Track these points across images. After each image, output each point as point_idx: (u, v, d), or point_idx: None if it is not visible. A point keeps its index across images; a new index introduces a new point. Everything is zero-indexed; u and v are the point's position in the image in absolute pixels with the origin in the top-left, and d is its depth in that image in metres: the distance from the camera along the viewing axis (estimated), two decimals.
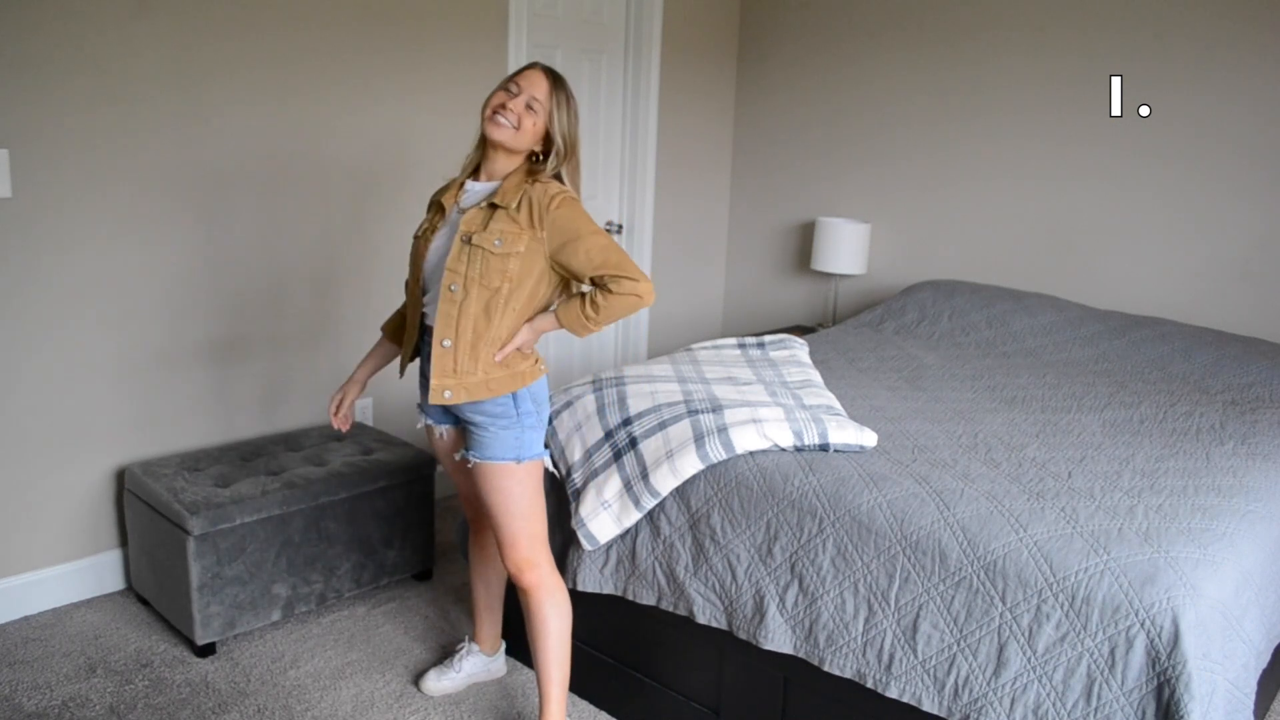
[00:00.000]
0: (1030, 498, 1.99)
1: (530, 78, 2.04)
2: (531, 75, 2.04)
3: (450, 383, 2.03)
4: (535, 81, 2.03)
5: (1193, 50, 3.33)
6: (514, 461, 2.09)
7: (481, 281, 1.99)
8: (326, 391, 3.34)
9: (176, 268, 2.92)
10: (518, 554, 2.15)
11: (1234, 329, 3.33)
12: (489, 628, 2.55)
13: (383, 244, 3.39)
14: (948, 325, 3.49)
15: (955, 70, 3.89)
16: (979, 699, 1.80)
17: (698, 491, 2.18)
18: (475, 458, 2.10)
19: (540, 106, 2.02)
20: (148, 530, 2.73)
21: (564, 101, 2.05)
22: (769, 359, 2.88)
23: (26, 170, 2.60)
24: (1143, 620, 1.66)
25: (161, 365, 2.94)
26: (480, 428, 2.09)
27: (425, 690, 2.51)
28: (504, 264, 1.99)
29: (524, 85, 2.02)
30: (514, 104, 2.00)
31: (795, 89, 4.41)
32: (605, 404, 2.41)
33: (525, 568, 2.15)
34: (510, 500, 2.11)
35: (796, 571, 2.03)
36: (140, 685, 2.49)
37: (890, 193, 4.16)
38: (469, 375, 2.03)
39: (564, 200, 2.00)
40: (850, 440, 2.22)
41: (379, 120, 3.31)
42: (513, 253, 1.99)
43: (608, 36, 4.09)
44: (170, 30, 2.78)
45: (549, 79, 2.05)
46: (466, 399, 2.04)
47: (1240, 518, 1.96)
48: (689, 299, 4.68)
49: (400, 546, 2.98)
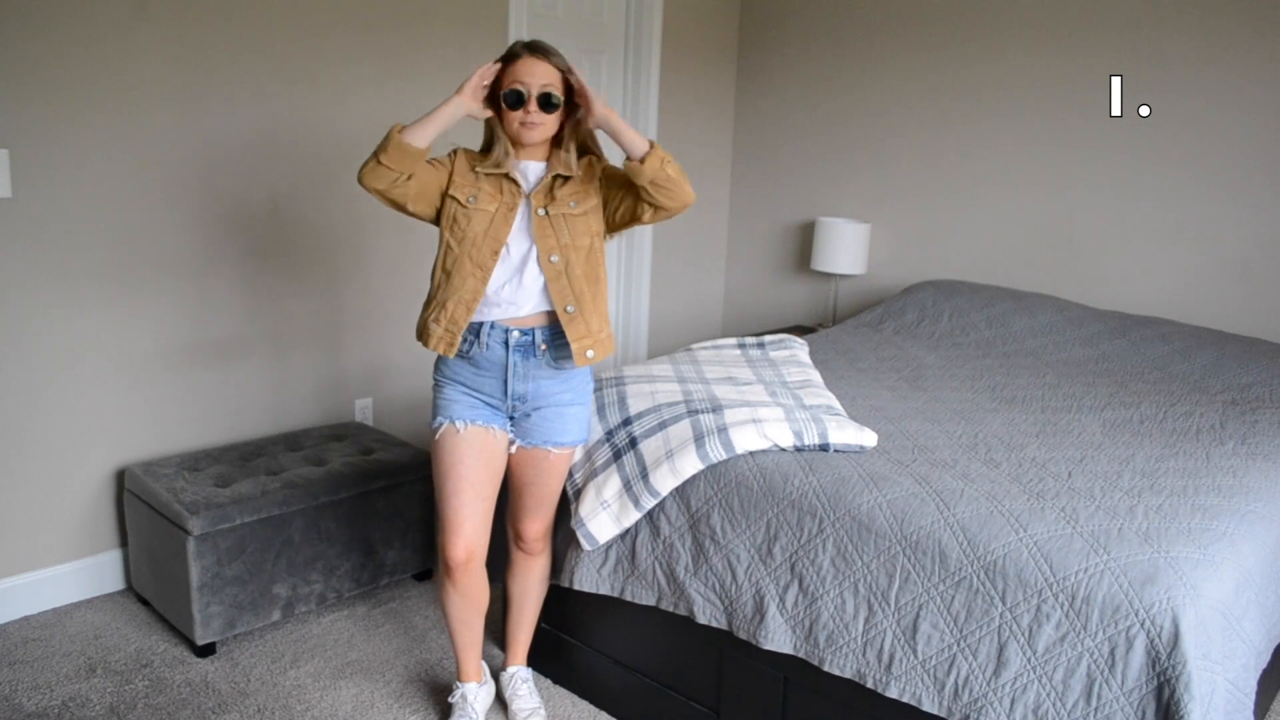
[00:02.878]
0: (1030, 498, 1.99)
1: (528, 68, 2.02)
2: (528, 65, 2.03)
3: (589, 342, 2.11)
4: (534, 69, 2.02)
5: (1193, 50, 3.33)
6: (583, 444, 2.25)
7: (575, 244, 2.08)
8: (326, 391, 3.34)
9: (176, 267, 2.92)
10: (542, 525, 2.30)
11: (1234, 329, 3.33)
12: (478, 655, 2.38)
13: (383, 244, 3.39)
14: (948, 325, 3.49)
15: (955, 70, 3.89)
16: (979, 699, 1.80)
17: (698, 491, 2.18)
18: (556, 445, 2.18)
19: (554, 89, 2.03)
20: (148, 530, 2.73)
21: (561, 64, 2.06)
22: (769, 359, 2.88)
23: (26, 170, 2.60)
24: (1143, 620, 1.66)
25: (162, 365, 2.94)
26: (563, 409, 2.17)
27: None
28: (586, 223, 2.10)
29: (529, 80, 2.01)
30: (532, 106, 2.01)
31: (795, 89, 4.41)
32: (605, 404, 2.41)
33: (543, 536, 2.32)
34: (563, 481, 2.25)
35: (796, 571, 2.03)
36: (140, 685, 2.49)
37: (890, 193, 4.16)
38: (600, 331, 2.13)
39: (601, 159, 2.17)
40: (850, 440, 2.22)
41: (379, 121, 3.31)
42: (589, 209, 2.10)
43: (608, 36, 4.09)
44: (170, 30, 2.78)
45: (542, 58, 2.04)
46: (603, 354, 2.13)
47: (1240, 518, 1.96)
48: (689, 299, 4.68)
49: (400, 546, 2.98)
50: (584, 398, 2.22)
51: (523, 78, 2.02)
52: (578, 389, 2.20)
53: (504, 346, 2.10)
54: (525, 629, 2.44)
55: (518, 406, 2.16)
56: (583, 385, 2.21)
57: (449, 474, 2.14)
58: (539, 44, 2.07)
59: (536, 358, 2.11)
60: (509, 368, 2.11)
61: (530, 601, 2.41)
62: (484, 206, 2.07)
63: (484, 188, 2.09)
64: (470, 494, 2.14)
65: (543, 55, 2.04)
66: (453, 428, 2.13)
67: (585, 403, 2.23)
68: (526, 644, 2.47)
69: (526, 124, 2.02)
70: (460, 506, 2.14)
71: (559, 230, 2.07)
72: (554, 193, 2.08)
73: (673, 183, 2.02)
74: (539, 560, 2.36)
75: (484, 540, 2.20)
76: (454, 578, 2.20)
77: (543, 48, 2.06)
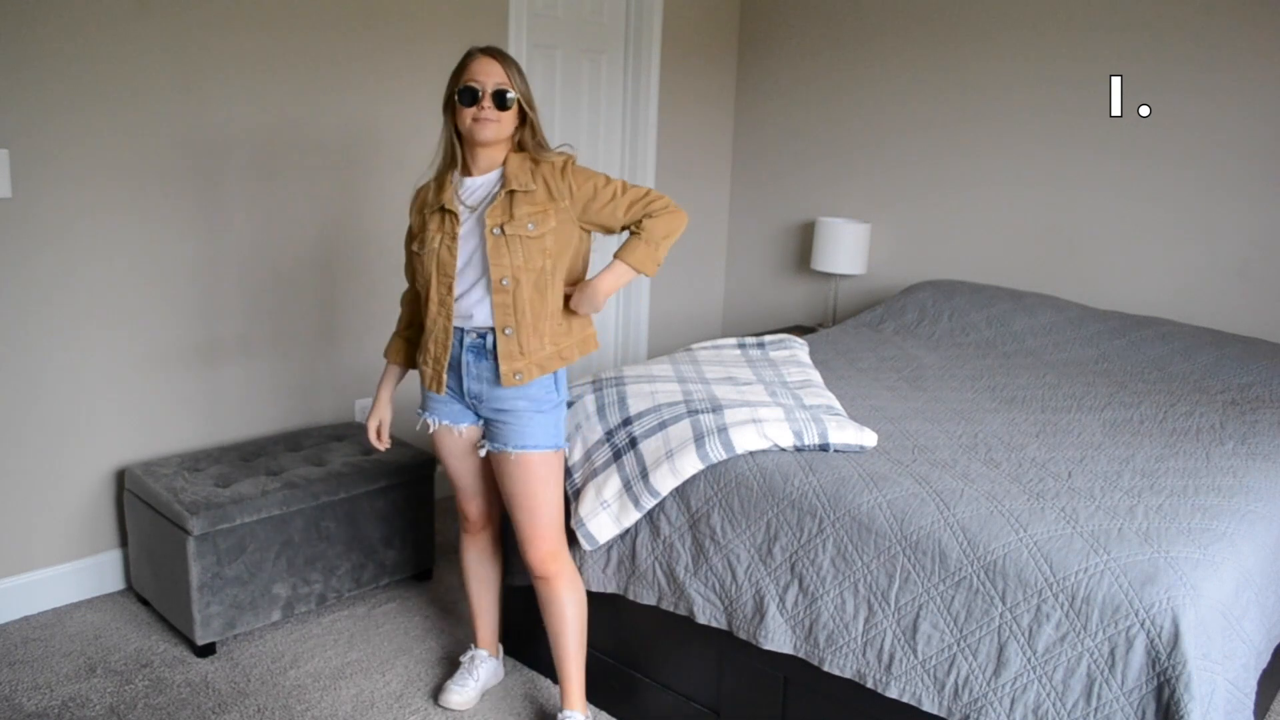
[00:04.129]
0: (1030, 498, 1.99)
1: (483, 68, 2.04)
2: (483, 65, 2.05)
3: (520, 364, 2.09)
4: (489, 69, 2.04)
5: (1193, 50, 3.33)
6: (553, 450, 2.16)
7: (527, 266, 2.05)
8: (327, 391, 3.34)
9: (176, 268, 2.92)
10: (547, 545, 2.20)
11: (1234, 329, 3.33)
12: (491, 630, 2.53)
13: (384, 244, 3.39)
14: (948, 325, 3.49)
15: (955, 70, 3.89)
16: (979, 699, 1.80)
17: (698, 491, 2.18)
18: (516, 449, 2.13)
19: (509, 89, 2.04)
20: (148, 530, 2.73)
21: (516, 70, 2.08)
22: (769, 359, 2.88)
23: (26, 170, 2.60)
24: (1143, 620, 1.66)
25: (162, 365, 2.94)
26: (520, 415, 2.12)
27: (450, 705, 2.44)
28: (542, 244, 2.05)
29: (483, 80, 2.03)
30: (486, 102, 2.02)
31: (795, 89, 4.41)
32: (605, 404, 2.41)
33: (550, 559, 2.20)
34: (546, 489, 2.16)
35: (796, 571, 2.03)
36: (140, 685, 2.49)
37: (890, 193, 4.16)
38: (538, 352, 2.09)
39: (567, 162, 2.10)
40: (850, 440, 2.22)
41: (378, 121, 3.31)
42: (546, 231, 2.06)
43: (608, 36, 4.09)
44: (170, 30, 2.78)
45: (496, 59, 2.06)
46: (539, 374, 2.10)
47: (1240, 518, 1.96)
48: (689, 299, 4.68)
49: (400, 546, 2.98)
50: (544, 405, 2.14)
51: (477, 76, 2.04)
52: (535, 398, 2.13)
53: (459, 345, 2.13)
54: (568, 666, 2.26)
55: (477, 406, 2.17)
56: (542, 394, 2.14)
57: (442, 461, 2.33)
58: (494, 47, 2.10)
59: (488, 360, 2.11)
60: (464, 366, 2.13)
61: (562, 635, 2.23)
62: (430, 246, 2.11)
63: (429, 225, 2.13)
64: (466, 479, 2.33)
65: (498, 57, 2.06)
66: (427, 422, 2.26)
67: (548, 410, 2.15)
68: (577, 683, 2.28)
69: (479, 119, 2.02)
70: (464, 487, 2.35)
71: (513, 252, 2.03)
72: (512, 210, 2.04)
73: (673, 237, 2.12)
74: (556, 587, 2.20)
75: (497, 503, 2.38)
76: (471, 532, 2.42)
77: (498, 51, 2.08)
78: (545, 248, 2.06)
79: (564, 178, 2.07)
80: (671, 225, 2.11)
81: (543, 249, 2.05)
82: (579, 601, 2.25)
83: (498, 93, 2.02)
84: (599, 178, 2.10)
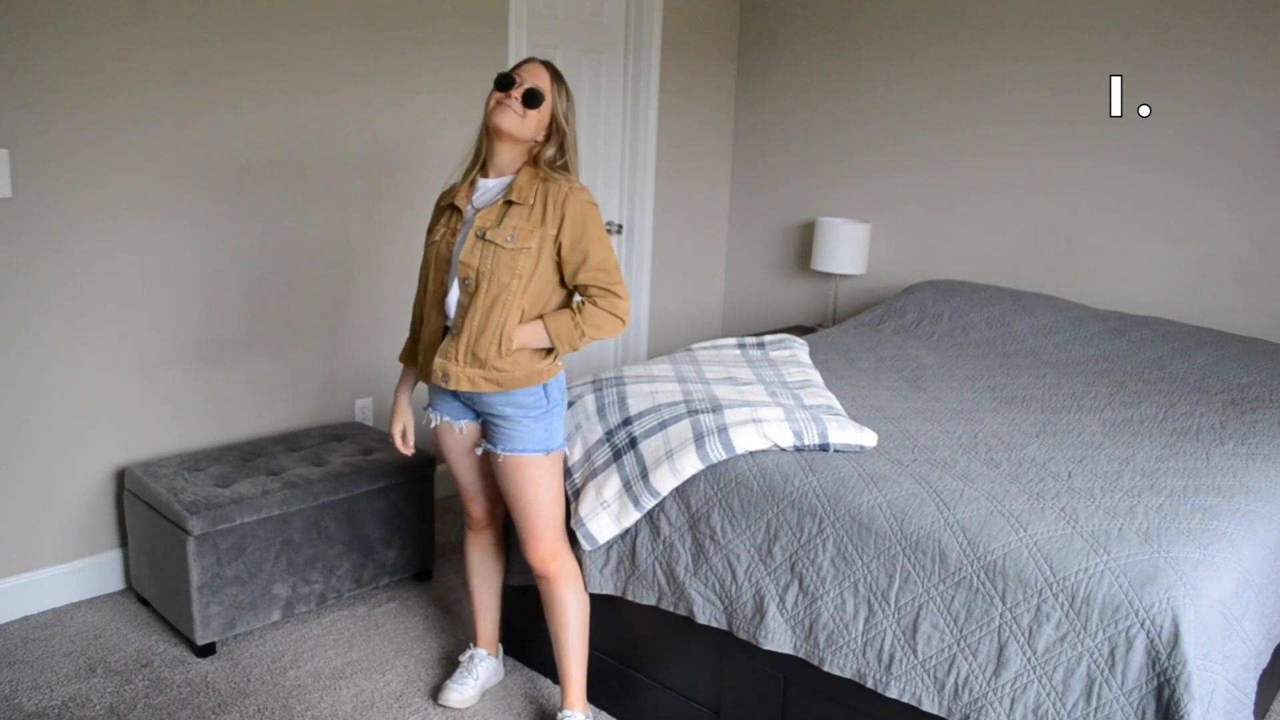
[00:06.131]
0: (1030, 498, 1.99)
1: (530, 69, 2.10)
2: (531, 67, 2.11)
3: (449, 365, 2.09)
4: (535, 72, 2.10)
5: (1193, 50, 3.33)
6: (543, 453, 2.15)
7: (492, 275, 2.04)
8: (326, 391, 3.34)
9: (176, 268, 2.92)
10: (545, 545, 2.21)
11: (1234, 329, 3.33)
12: (491, 629, 2.54)
13: (384, 244, 3.39)
14: (948, 325, 3.49)
15: (955, 70, 3.89)
16: (979, 699, 1.80)
17: (698, 491, 2.18)
18: (505, 451, 2.14)
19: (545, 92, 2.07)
20: (148, 530, 2.73)
21: (563, 90, 2.12)
22: (769, 359, 2.88)
23: (26, 170, 2.60)
24: (1143, 620, 1.66)
25: (162, 365, 2.94)
26: (510, 420, 2.13)
27: (450, 704, 2.44)
28: (514, 260, 2.03)
29: (525, 76, 2.08)
30: (515, 91, 2.05)
31: (795, 89, 4.41)
32: (605, 404, 2.41)
33: (549, 558, 2.22)
34: (540, 491, 2.17)
35: (796, 571, 2.03)
36: (140, 685, 2.49)
37: (890, 193, 4.16)
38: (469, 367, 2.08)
39: (572, 192, 2.06)
40: (850, 440, 2.22)
41: (378, 121, 3.31)
42: (523, 249, 2.04)
43: (608, 36, 4.09)
44: (171, 30, 2.78)
45: (548, 70, 2.12)
46: (469, 387, 2.09)
47: (1240, 518, 1.96)
48: (689, 299, 4.68)
49: (400, 546, 2.98)
50: (533, 411, 2.12)
51: (520, 71, 2.09)
52: (522, 404, 2.11)
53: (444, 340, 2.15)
54: (569, 665, 2.28)
55: (470, 405, 2.19)
56: (529, 400, 2.12)
57: (444, 457, 2.34)
58: (551, 62, 2.15)
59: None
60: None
61: (563, 634, 2.25)
62: (434, 240, 2.15)
63: (440, 221, 2.17)
64: (467, 477, 2.34)
65: (549, 68, 2.11)
66: (430, 417, 2.27)
67: (537, 416, 2.13)
68: (578, 682, 2.29)
69: (503, 104, 2.04)
70: (465, 485, 2.36)
71: (484, 257, 2.04)
72: (502, 219, 2.05)
73: (597, 335, 2.10)
74: (556, 586, 2.22)
75: (500, 502, 2.38)
76: (476, 529, 2.43)
77: (552, 65, 2.13)
78: (516, 266, 2.03)
79: (563, 205, 2.05)
80: (605, 324, 2.09)
81: (513, 266, 2.03)
82: (580, 601, 2.26)
83: (531, 90, 2.04)
84: (595, 229, 2.06)
